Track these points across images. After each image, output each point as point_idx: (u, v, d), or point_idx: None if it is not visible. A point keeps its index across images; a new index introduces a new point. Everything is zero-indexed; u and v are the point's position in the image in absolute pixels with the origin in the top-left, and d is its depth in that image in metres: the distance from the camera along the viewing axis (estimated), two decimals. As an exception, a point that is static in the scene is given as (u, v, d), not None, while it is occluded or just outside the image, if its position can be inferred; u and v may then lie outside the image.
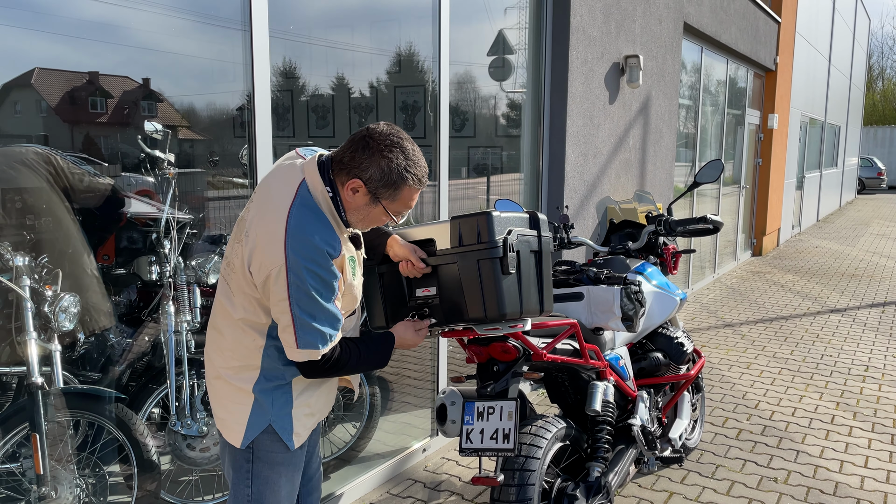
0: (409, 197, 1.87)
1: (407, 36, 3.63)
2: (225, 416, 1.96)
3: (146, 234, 2.97)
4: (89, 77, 2.43)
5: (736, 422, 4.41)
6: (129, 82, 2.55)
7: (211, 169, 3.02)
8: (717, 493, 3.49)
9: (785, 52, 11.09)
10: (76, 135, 2.48)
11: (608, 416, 2.71)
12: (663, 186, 6.79)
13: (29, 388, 2.64)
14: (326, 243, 1.77)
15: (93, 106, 2.49)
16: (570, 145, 4.86)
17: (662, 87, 6.47)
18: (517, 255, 2.09)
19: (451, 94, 3.95)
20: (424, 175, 1.88)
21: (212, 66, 2.77)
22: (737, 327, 6.78)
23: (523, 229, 2.14)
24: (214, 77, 2.80)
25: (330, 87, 3.29)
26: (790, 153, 12.54)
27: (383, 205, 1.85)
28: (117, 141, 2.61)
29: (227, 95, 2.85)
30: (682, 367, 3.34)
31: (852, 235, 14.15)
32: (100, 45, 2.45)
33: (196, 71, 2.74)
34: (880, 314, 7.33)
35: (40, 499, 2.63)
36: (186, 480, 3.16)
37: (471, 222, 2.05)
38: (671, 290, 3.30)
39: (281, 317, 1.79)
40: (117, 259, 2.91)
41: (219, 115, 2.87)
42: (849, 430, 4.29)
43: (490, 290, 2.01)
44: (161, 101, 2.72)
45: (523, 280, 2.10)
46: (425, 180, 1.89)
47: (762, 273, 9.80)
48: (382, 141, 1.79)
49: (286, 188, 1.81)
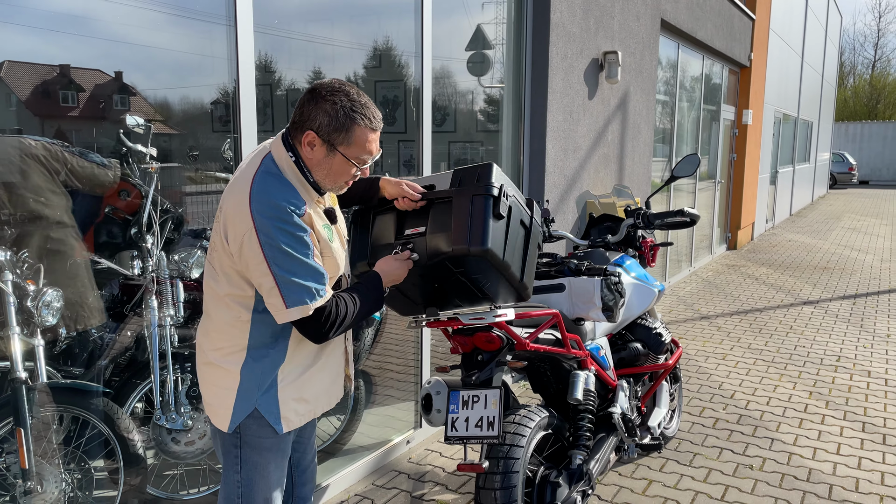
0: (363, 139, 1.85)
1: (388, 31, 3.66)
2: (212, 400, 1.98)
3: (125, 228, 2.97)
4: (60, 70, 2.42)
5: (712, 411, 4.50)
6: (100, 75, 2.54)
7: (192, 163, 3.03)
8: (694, 480, 3.58)
9: (759, 49, 11.26)
10: (47, 128, 2.46)
11: (590, 405, 2.77)
12: (641, 181, 6.88)
13: (13, 382, 2.63)
14: (288, 201, 1.79)
15: (64, 99, 2.48)
16: (551, 140, 4.92)
17: (640, 83, 6.56)
18: (509, 210, 2.10)
19: (432, 89, 3.98)
20: (374, 116, 1.86)
21: (191, 60, 2.78)
22: (713, 319, 6.90)
23: (520, 199, 2.19)
24: (194, 71, 2.81)
25: (309, 81, 3.30)
26: (764, 148, 12.74)
27: (340, 151, 1.84)
28: (92, 135, 2.61)
29: (206, 90, 2.86)
30: (661, 356, 3.42)
31: (824, 229, 14.42)
32: (75, 38, 2.45)
33: (175, 65, 2.75)
34: (851, 306, 7.50)
35: (26, 493, 2.63)
36: (171, 474, 3.17)
37: (472, 169, 2.09)
38: (649, 282, 3.37)
39: (263, 281, 1.79)
40: (100, 253, 2.90)
41: (197, 109, 2.88)
42: (821, 418, 4.41)
43: (478, 223, 1.99)
44: (134, 94, 2.71)
45: (510, 239, 2.09)
46: (377, 121, 1.87)
47: (737, 266, 9.96)
48: (325, 88, 1.82)
49: (252, 163, 1.88)
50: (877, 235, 13.43)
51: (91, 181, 2.66)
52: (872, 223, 15.57)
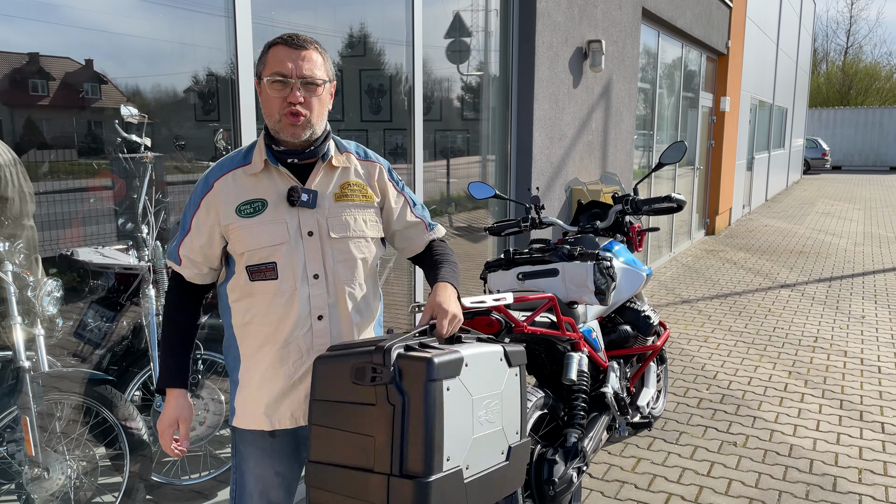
0: (274, 57, 1.76)
1: (378, 19, 3.69)
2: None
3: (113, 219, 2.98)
4: (30, 58, 2.42)
5: (696, 391, 4.64)
6: (71, 63, 2.54)
7: (179, 153, 3.06)
8: (681, 457, 3.70)
9: (736, 37, 11.41)
10: (16, 118, 2.46)
11: (583, 385, 2.87)
12: (624, 168, 6.99)
13: (17, 371, 2.67)
14: (211, 168, 1.88)
15: (33, 88, 2.47)
16: (537, 128, 5.00)
17: (623, 71, 6.65)
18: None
19: (423, 78, 4.03)
20: (290, 38, 1.78)
21: (186, 51, 2.81)
22: (694, 303, 7.05)
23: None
24: (187, 62, 2.83)
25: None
26: (741, 135, 12.94)
27: (262, 78, 1.78)
28: (72, 126, 2.61)
29: (189, 79, 2.89)
30: (649, 338, 3.53)
31: (799, 214, 14.70)
32: (59, 28, 2.47)
33: (172, 56, 2.78)
34: (827, 288, 7.70)
35: (32, 479, 2.67)
36: (172, 460, 3.21)
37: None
38: (638, 266, 3.47)
39: None
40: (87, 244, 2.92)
41: (183, 99, 2.91)
42: (801, 396, 4.56)
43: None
44: (104, 82, 2.73)
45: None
46: (291, 40, 1.77)
47: (716, 251, 10.15)
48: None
49: None
50: (850, 220, 13.72)
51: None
52: (845, 207, 15.89)
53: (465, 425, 1.65)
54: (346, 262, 1.87)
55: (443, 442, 1.58)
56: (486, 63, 4.69)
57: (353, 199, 1.90)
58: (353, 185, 1.91)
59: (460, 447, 1.64)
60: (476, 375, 1.69)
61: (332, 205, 1.87)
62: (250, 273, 1.83)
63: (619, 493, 3.33)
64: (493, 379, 1.76)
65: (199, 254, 1.87)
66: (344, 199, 1.89)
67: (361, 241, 1.90)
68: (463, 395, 1.65)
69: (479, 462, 1.70)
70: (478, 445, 1.70)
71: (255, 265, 1.82)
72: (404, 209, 2.01)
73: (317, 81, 1.77)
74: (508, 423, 1.81)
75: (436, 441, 1.57)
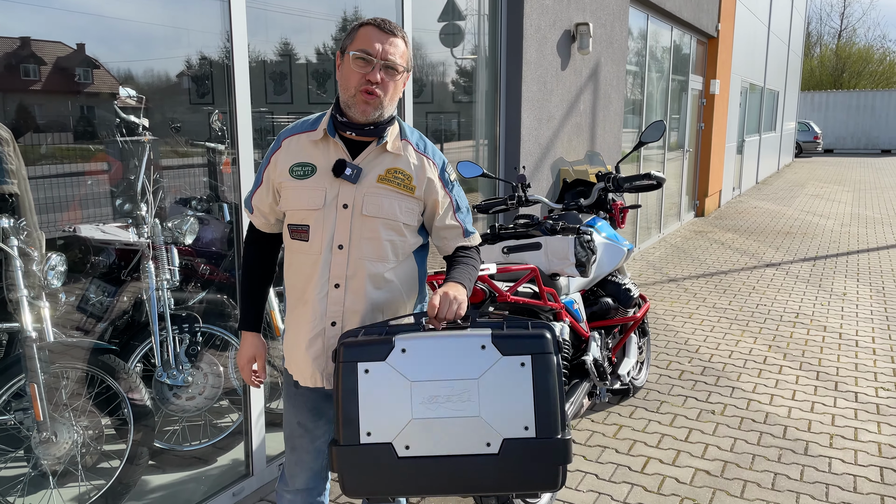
0: (364, 35, 1.88)
1: (368, 2, 3.80)
2: None
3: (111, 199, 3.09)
4: (21, 42, 2.51)
5: (678, 364, 4.80)
6: (63, 48, 2.64)
7: (174, 135, 3.17)
8: (661, 424, 3.87)
9: (726, 20, 11.51)
10: (9, 102, 2.55)
11: (564, 353, 3.02)
12: (612, 149, 7.12)
13: (24, 341, 2.80)
14: (287, 128, 2.05)
15: (25, 73, 2.57)
16: (526, 110, 5.12)
17: (611, 53, 6.76)
18: None
19: (414, 61, 4.15)
20: (383, 21, 1.89)
21: (179, 34, 2.92)
22: (680, 282, 7.21)
23: None
24: (180, 45, 2.95)
25: (287, 53, 3.43)
26: (731, 118, 13.06)
27: (348, 54, 1.88)
28: (68, 108, 2.73)
29: (181, 63, 3.00)
30: (630, 310, 3.68)
31: (789, 196, 14.86)
32: (46, 10, 2.58)
33: (164, 39, 2.89)
34: (811, 267, 7.87)
35: (41, 443, 2.82)
36: (173, 428, 3.36)
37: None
38: (619, 242, 3.61)
39: None
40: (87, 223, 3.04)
41: (179, 82, 3.02)
42: (779, 368, 4.73)
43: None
44: (97, 66, 2.85)
45: None
46: (386, 25, 1.89)
47: (704, 232, 10.31)
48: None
49: None
50: (839, 202, 13.89)
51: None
52: (835, 190, 16.06)
53: (398, 406, 1.76)
54: (371, 240, 1.95)
55: (358, 417, 1.75)
56: (476, 45, 4.80)
57: (394, 185, 1.96)
58: (399, 172, 1.97)
59: (389, 426, 1.77)
60: (420, 361, 1.77)
61: (372, 184, 1.94)
62: (290, 231, 2.00)
63: (601, 457, 3.50)
64: (460, 367, 1.77)
65: (266, 205, 2.05)
66: (386, 183, 1.95)
67: (392, 223, 1.96)
68: (392, 378, 1.77)
69: (430, 444, 1.77)
70: (428, 429, 1.77)
71: (293, 225, 1.98)
72: (447, 211, 2.06)
73: (398, 67, 1.88)
74: (504, 415, 1.77)
75: (346, 416, 1.75)
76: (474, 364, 1.77)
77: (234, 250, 3.36)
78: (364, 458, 1.76)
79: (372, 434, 1.77)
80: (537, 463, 1.76)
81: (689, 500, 3.12)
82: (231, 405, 3.47)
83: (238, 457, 3.30)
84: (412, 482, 1.77)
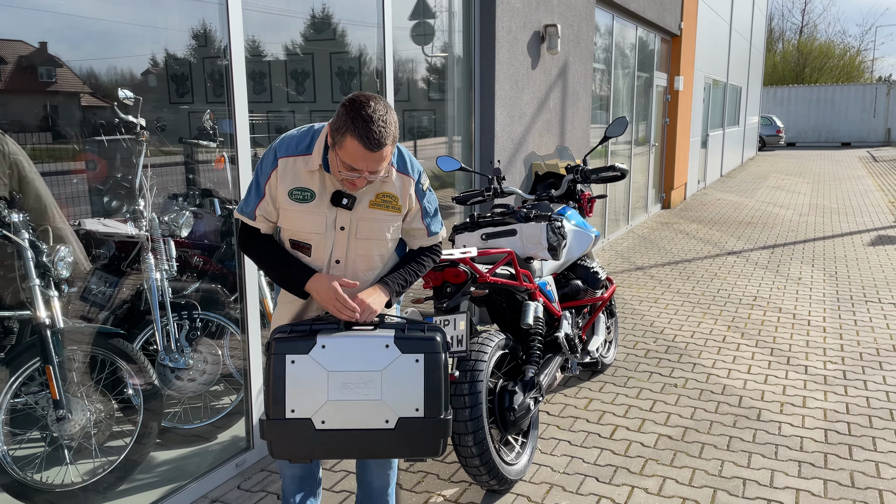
0: (351, 149, 1.98)
1: (347, 1, 4.04)
2: None
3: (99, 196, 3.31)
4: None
5: (644, 344, 5.15)
6: (24, 46, 2.80)
7: (158, 134, 3.39)
8: (628, 397, 4.19)
9: (689, 18, 11.93)
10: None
11: (539, 330, 3.32)
12: (580, 144, 7.46)
13: (38, 327, 3.01)
14: (279, 144, 2.21)
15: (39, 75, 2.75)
16: (499, 108, 5.42)
17: (578, 53, 7.09)
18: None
19: (393, 59, 4.41)
20: (368, 135, 1.95)
21: (179, 36, 3.15)
22: (647, 270, 7.58)
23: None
24: (179, 45, 3.18)
25: (266, 53, 3.58)
26: (695, 113, 13.52)
27: (336, 151, 2.03)
28: (45, 109, 2.95)
29: (181, 63, 3.23)
30: (598, 291, 3.99)
31: (751, 188, 15.40)
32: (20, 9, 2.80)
33: (166, 41, 3.12)
34: (770, 255, 8.30)
35: (58, 420, 3.04)
36: (175, 410, 3.59)
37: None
38: (587, 229, 3.92)
39: None
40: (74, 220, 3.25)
41: (179, 83, 3.25)
42: (737, 346, 5.09)
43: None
44: (60, 65, 3.07)
45: None
46: (368, 142, 1.96)
47: (670, 223, 10.73)
48: (353, 96, 2.03)
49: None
50: (799, 193, 14.45)
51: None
52: (796, 182, 16.66)
53: (317, 390, 2.15)
54: (364, 257, 2.28)
55: (284, 398, 2.15)
56: (450, 45, 5.08)
57: (384, 208, 2.24)
58: (387, 195, 2.25)
59: (309, 405, 2.15)
60: (336, 356, 2.15)
61: (365, 209, 2.21)
62: (292, 244, 2.28)
63: (573, 426, 3.81)
64: (368, 361, 2.15)
65: (273, 215, 2.25)
66: (377, 207, 2.23)
67: (382, 242, 2.28)
68: (313, 368, 2.15)
69: (341, 420, 2.16)
70: (340, 408, 2.16)
71: (295, 241, 2.26)
72: (416, 216, 2.35)
73: (381, 172, 2.09)
74: (400, 399, 2.16)
75: (275, 396, 2.14)
76: (379, 359, 2.16)
77: (228, 242, 3.58)
78: (288, 430, 2.16)
79: (295, 411, 2.16)
80: (424, 436, 2.18)
81: (652, 461, 3.45)
82: (227, 387, 3.71)
83: (239, 433, 3.55)
84: (326, 449, 2.17)
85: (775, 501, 3.08)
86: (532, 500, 3.11)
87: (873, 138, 32.39)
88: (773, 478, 3.28)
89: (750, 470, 3.35)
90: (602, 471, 3.36)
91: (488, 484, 3.00)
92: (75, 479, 3.05)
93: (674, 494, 3.15)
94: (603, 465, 3.40)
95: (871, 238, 9.28)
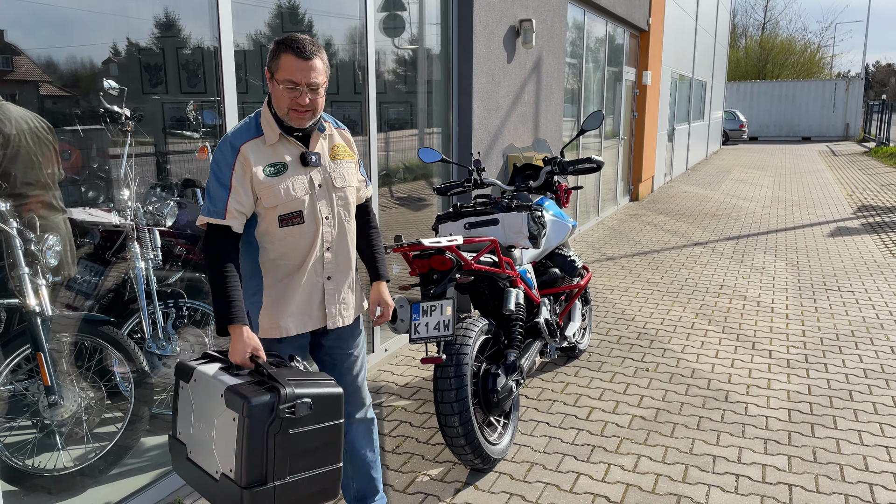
0: (286, 64, 2.16)
1: None
2: None
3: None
4: None
5: (617, 331, 5.32)
6: None
7: (134, 123, 3.44)
8: (602, 381, 4.36)
9: (657, 14, 12.17)
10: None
11: (520, 315, 3.45)
12: (553, 137, 7.61)
13: (28, 314, 3.05)
14: (232, 136, 2.29)
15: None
16: (476, 101, 5.53)
17: (552, 47, 7.23)
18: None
19: (375, 53, 4.49)
20: (299, 46, 2.15)
21: (164, 27, 3.20)
22: (617, 260, 7.78)
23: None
24: (169, 37, 3.23)
25: (245, 44, 3.67)
26: (662, 107, 13.80)
27: (276, 79, 2.19)
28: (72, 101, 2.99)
29: (172, 53, 3.28)
30: (574, 279, 4.14)
31: (716, 181, 15.77)
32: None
33: (156, 31, 3.17)
34: (734, 245, 8.57)
35: (49, 405, 3.08)
36: (163, 396, 3.64)
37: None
38: (564, 219, 4.06)
39: None
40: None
41: (174, 74, 3.30)
42: (704, 332, 5.30)
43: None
44: (17, 53, 3.12)
45: None
46: (300, 51, 2.15)
47: (638, 215, 10.97)
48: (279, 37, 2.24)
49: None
50: (761, 186, 14.84)
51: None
52: (758, 175, 17.09)
53: (188, 419, 2.20)
54: (345, 206, 2.44)
55: (176, 419, 2.24)
56: (427, 39, 5.17)
57: (342, 157, 2.46)
58: (339, 147, 2.47)
59: (185, 431, 2.21)
60: (199, 391, 2.15)
61: (330, 162, 2.41)
62: (281, 221, 2.31)
63: (551, 409, 3.96)
64: (210, 405, 2.09)
65: (246, 206, 2.27)
66: (336, 158, 2.44)
67: (353, 188, 2.48)
68: (187, 397, 2.21)
69: (200, 455, 2.14)
70: (198, 443, 2.14)
71: (285, 214, 2.30)
72: (358, 166, 2.57)
73: (320, 85, 2.24)
74: (223, 454, 2.02)
75: (173, 413, 2.26)
76: (215, 407, 2.08)
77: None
78: (175, 449, 2.24)
79: (181, 434, 2.24)
80: (232, 501, 2.00)
81: (627, 440, 3.61)
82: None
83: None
84: (190, 478, 2.18)
85: (743, 476, 3.27)
86: (514, 479, 3.25)
87: (832, 133, 33.24)
88: (741, 454, 3.46)
89: (719, 447, 3.53)
90: (580, 450, 3.51)
91: (472, 463, 3.12)
92: (67, 464, 3.10)
93: (648, 471, 3.31)
94: (580, 445, 3.56)
95: (831, 229, 9.63)
